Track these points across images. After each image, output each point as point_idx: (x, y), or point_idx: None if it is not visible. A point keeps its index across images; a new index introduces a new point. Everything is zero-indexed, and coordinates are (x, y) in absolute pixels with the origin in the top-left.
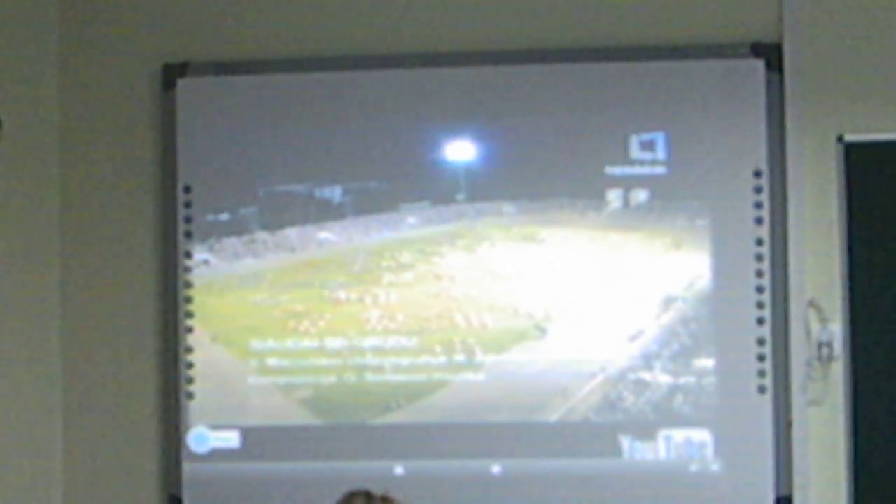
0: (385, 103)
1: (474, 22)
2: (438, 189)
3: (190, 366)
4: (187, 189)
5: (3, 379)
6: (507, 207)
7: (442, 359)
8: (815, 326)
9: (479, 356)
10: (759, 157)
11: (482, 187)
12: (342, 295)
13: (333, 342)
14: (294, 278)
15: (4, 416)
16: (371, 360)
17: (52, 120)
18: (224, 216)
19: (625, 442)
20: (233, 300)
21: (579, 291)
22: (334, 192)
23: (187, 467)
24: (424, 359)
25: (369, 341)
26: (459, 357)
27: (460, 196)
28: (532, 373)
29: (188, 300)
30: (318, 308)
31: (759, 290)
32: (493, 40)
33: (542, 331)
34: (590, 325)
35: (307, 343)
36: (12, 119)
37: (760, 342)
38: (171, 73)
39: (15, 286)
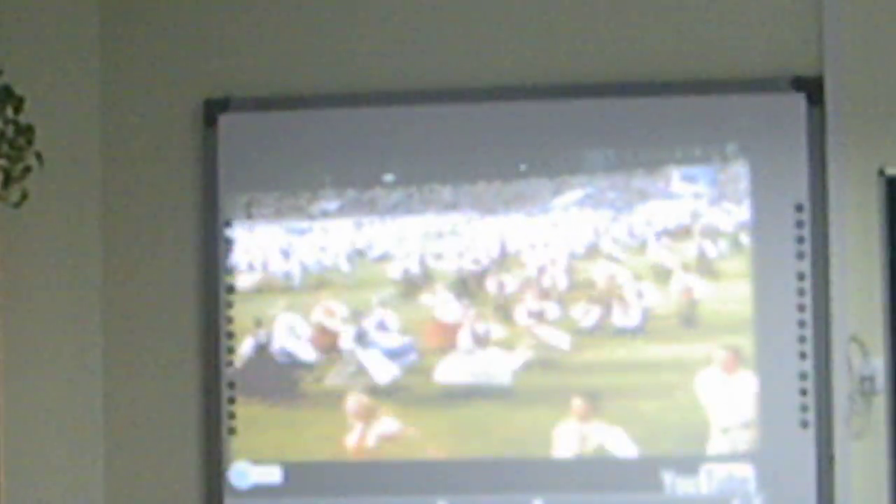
0: (432, 138)
1: (507, 57)
2: None
3: (232, 401)
4: (228, 224)
5: (47, 424)
6: None
7: None
8: (857, 360)
9: None
10: (801, 190)
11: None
12: None
13: None
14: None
15: (46, 460)
16: None
17: (94, 155)
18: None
19: (667, 476)
20: None
21: None
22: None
23: (229, 503)
24: None
25: None
26: None
27: None
28: None
29: (230, 336)
30: None
31: (801, 324)
32: (538, 74)
33: None
34: None
35: None
36: (54, 154)
37: (803, 376)
38: (213, 109)
39: (59, 328)
